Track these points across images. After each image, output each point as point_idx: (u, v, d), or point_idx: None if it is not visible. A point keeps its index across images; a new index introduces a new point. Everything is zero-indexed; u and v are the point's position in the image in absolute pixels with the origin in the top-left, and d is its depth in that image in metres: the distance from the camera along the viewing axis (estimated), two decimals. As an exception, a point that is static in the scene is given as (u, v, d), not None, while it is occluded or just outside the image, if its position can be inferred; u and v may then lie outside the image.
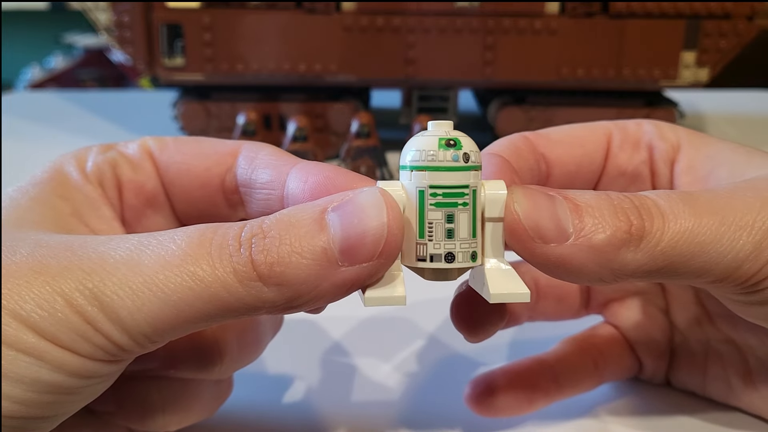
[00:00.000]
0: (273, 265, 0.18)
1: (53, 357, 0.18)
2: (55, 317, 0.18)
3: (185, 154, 0.24)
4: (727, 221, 0.21)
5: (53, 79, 1.90)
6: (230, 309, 0.19)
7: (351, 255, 0.19)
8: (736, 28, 0.55)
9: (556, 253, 0.20)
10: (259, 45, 0.55)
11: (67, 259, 0.19)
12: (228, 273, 0.18)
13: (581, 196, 0.21)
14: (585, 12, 0.54)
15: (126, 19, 0.54)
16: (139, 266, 0.19)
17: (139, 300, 0.18)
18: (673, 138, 0.26)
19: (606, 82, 0.56)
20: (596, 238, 0.20)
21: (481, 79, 0.56)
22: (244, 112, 0.54)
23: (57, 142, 0.63)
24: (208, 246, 0.19)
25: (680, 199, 0.21)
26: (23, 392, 0.18)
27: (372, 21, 0.54)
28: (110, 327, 0.18)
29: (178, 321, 0.18)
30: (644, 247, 0.20)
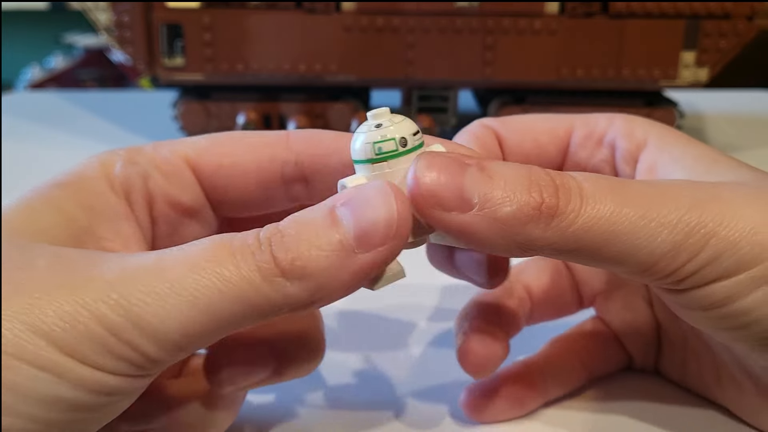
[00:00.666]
0: (294, 260, 0.19)
1: (75, 374, 0.18)
2: (78, 330, 0.18)
3: (233, 154, 0.24)
4: (649, 215, 0.21)
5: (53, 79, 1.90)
6: (256, 308, 0.19)
7: (366, 241, 0.19)
8: (736, 28, 0.55)
9: (456, 221, 0.20)
10: (259, 45, 0.55)
11: (89, 271, 0.19)
12: (253, 271, 0.19)
13: (499, 168, 0.21)
14: (585, 12, 0.55)
15: (126, 19, 0.54)
16: (164, 272, 0.18)
17: (168, 305, 0.18)
18: (641, 137, 0.26)
19: (606, 82, 0.56)
20: (502, 210, 0.20)
21: (481, 79, 0.56)
22: (244, 112, 0.54)
23: (57, 143, 0.63)
24: (229, 247, 0.19)
25: (608, 185, 0.21)
26: (43, 412, 0.17)
27: (372, 21, 0.54)
28: (138, 336, 0.18)
29: (207, 325, 0.18)
30: (555, 226, 0.20)
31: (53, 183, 0.22)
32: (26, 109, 0.75)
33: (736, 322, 0.21)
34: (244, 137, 0.24)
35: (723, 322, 0.22)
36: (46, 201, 0.21)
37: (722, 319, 0.21)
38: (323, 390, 0.29)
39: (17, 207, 0.21)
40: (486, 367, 0.26)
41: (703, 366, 0.27)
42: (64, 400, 0.18)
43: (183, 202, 0.24)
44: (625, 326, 0.29)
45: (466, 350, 0.26)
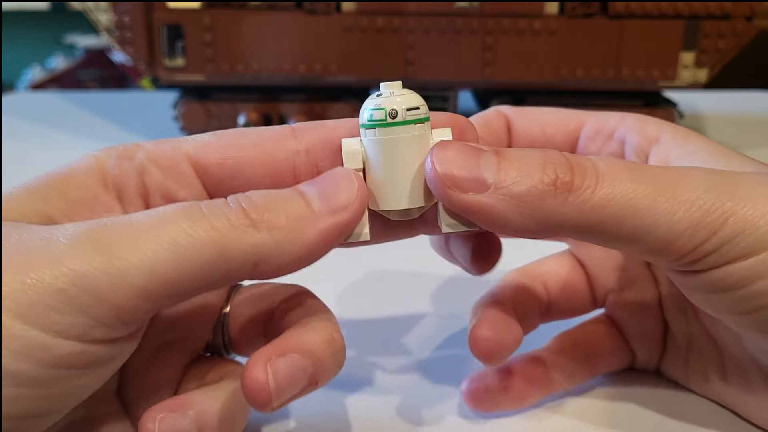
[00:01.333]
0: (264, 213, 0.20)
1: (19, 343, 0.17)
2: (33, 292, 0.17)
3: (240, 147, 0.23)
4: (667, 193, 0.21)
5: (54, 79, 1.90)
6: (227, 256, 0.19)
7: (329, 206, 0.21)
8: (735, 29, 0.55)
9: (474, 201, 0.21)
10: (260, 45, 0.55)
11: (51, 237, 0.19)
12: (223, 222, 0.19)
13: (514, 152, 0.22)
14: (584, 12, 0.55)
15: (127, 20, 0.54)
16: (131, 223, 0.19)
17: (133, 246, 0.18)
18: (654, 133, 0.27)
19: (605, 83, 0.56)
20: (517, 188, 0.21)
21: (481, 79, 0.56)
22: (245, 112, 0.54)
23: (58, 143, 0.64)
24: (198, 206, 0.20)
25: (624, 165, 0.22)
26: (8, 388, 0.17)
27: (372, 21, 0.55)
28: (102, 284, 0.18)
29: (177, 269, 0.19)
30: (572, 201, 0.21)
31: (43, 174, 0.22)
32: (27, 110, 0.75)
33: (752, 305, 0.21)
34: (250, 132, 0.24)
35: (738, 305, 0.22)
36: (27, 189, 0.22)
37: (738, 302, 0.21)
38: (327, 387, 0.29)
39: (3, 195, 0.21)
40: (496, 354, 0.25)
41: (708, 366, 0.27)
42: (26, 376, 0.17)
43: (179, 197, 0.23)
44: (634, 325, 0.29)
45: (477, 335, 0.25)
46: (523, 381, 0.27)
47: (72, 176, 0.22)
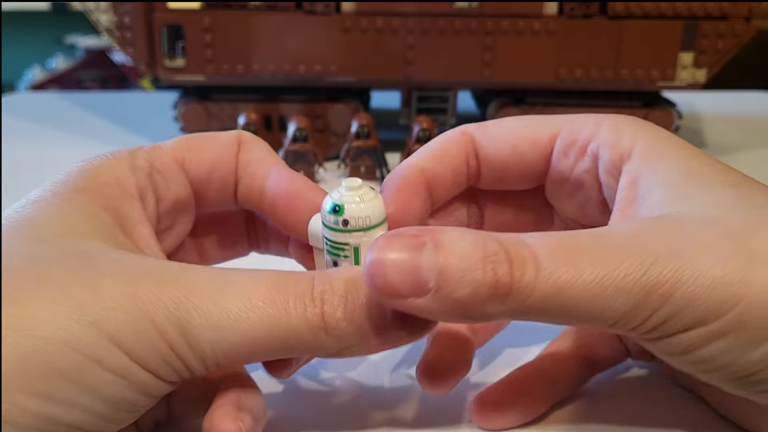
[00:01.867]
0: (339, 321, 0.21)
1: (139, 379, 0.20)
2: (145, 342, 0.20)
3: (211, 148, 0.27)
4: (608, 279, 0.20)
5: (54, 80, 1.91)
6: (290, 348, 0.22)
7: (401, 323, 0.22)
8: (734, 29, 0.55)
9: (413, 305, 0.21)
10: (260, 46, 0.55)
11: (154, 284, 0.21)
12: (300, 320, 0.21)
13: (454, 245, 0.21)
14: (583, 13, 0.55)
15: (127, 20, 0.55)
16: (224, 302, 0.21)
17: (221, 334, 0.21)
18: (627, 145, 0.25)
19: (604, 83, 0.56)
20: (458, 293, 0.20)
21: (480, 79, 0.56)
22: (245, 112, 0.54)
23: (58, 143, 0.64)
24: (285, 293, 0.21)
25: (562, 251, 0.21)
26: (109, 410, 0.20)
27: (371, 22, 0.55)
28: (191, 355, 0.21)
29: (247, 352, 0.21)
30: (511, 301, 0.20)
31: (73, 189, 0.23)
32: (28, 110, 0.75)
33: (704, 367, 0.22)
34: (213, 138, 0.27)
35: (695, 366, 0.22)
36: (76, 206, 0.23)
37: (693, 363, 0.22)
38: (327, 394, 0.29)
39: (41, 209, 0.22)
40: (442, 387, 0.26)
41: None
42: (127, 401, 0.20)
43: (182, 198, 0.26)
44: None
45: (423, 373, 0.26)
46: (531, 393, 0.27)
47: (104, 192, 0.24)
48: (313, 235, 0.25)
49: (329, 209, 0.23)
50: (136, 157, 0.25)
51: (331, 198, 0.24)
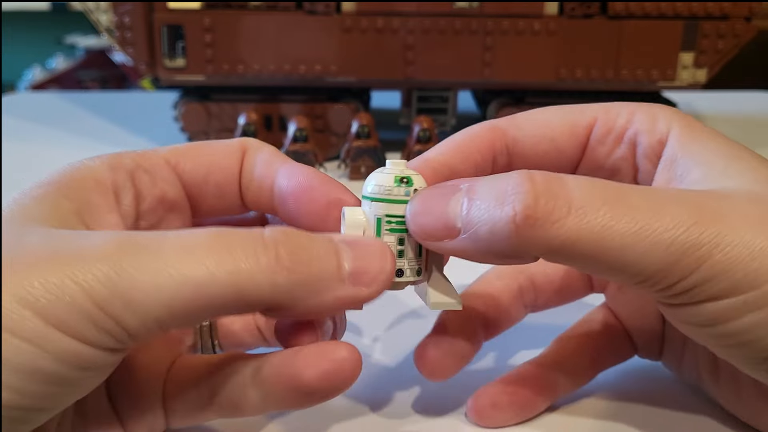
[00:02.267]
0: (296, 263, 0.20)
1: (57, 346, 0.18)
2: (63, 301, 0.18)
3: (209, 155, 0.26)
4: (645, 231, 0.20)
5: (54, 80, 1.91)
6: (243, 298, 0.20)
7: (357, 277, 0.21)
8: (734, 29, 0.55)
9: (449, 247, 0.22)
10: (260, 46, 0.55)
11: (80, 245, 0.19)
12: (251, 263, 0.20)
13: (481, 188, 0.21)
14: (583, 13, 0.55)
15: (127, 20, 0.55)
16: (160, 251, 0.19)
17: (156, 281, 0.19)
18: (664, 130, 0.25)
19: (604, 83, 0.56)
20: (481, 231, 0.21)
21: (480, 79, 0.56)
22: (245, 112, 0.54)
23: (58, 143, 0.64)
24: (231, 238, 0.20)
25: (602, 195, 0.21)
26: (23, 383, 0.18)
27: (372, 22, 0.55)
28: (122, 309, 0.18)
29: (192, 305, 0.19)
30: (539, 235, 0.20)
31: (39, 182, 0.23)
32: (28, 110, 0.75)
33: (727, 341, 0.21)
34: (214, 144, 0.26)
35: (715, 339, 0.21)
36: (33, 196, 0.22)
37: (713, 337, 0.21)
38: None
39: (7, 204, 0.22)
40: (439, 373, 0.26)
41: (700, 363, 0.27)
42: (44, 372, 0.18)
43: (169, 197, 0.25)
44: (635, 316, 0.29)
45: (420, 355, 0.26)
46: (530, 391, 0.27)
47: (74, 183, 0.23)
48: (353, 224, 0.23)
49: (395, 182, 0.23)
50: (122, 156, 0.25)
51: (391, 173, 0.23)
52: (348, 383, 0.22)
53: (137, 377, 0.24)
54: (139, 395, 0.24)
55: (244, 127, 0.53)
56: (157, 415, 0.24)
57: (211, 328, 0.27)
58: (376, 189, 0.23)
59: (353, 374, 0.22)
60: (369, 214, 0.23)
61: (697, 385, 0.28)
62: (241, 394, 0.23)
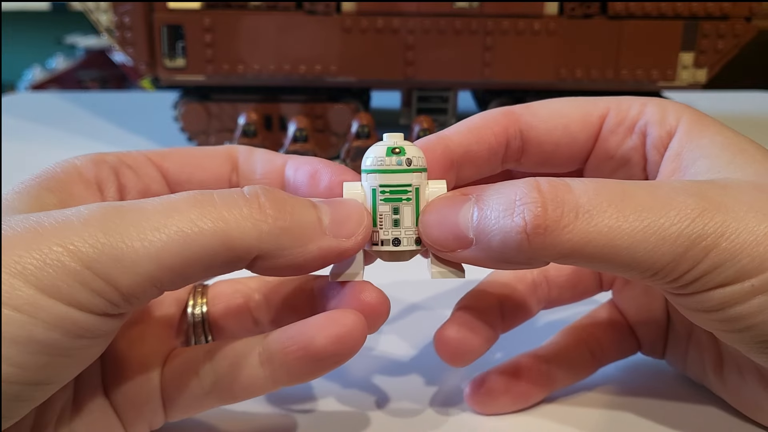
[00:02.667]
0: (279, 211, 0.21)
1: (50, 312, 0.18)
2: (52, 266, 0.18)
3: (193, 156, 0.26)
4: (652, 228, 0.21)
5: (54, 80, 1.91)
6: (232, 246, 0.20)
7: (337, 228, 0.22)
8: (734, 29, 0.55)
9: (461, 256, 0.22)
10: (260, 46, 0.55)
11: (64, 215, 0.19)
12: (235, 213, 0.20)
13: (489, 197, 0.22)
14: (583, 13, 0.55)
15: (127, 20, 0.55)
16: (144, 211, 0.19)
17: (143, 236, 0.19)
18: (673, 123, 0.26)
19: (604, 83, 0.56)
20: (493, 242, 0.21)
21: (480, 79, 0.56)
22: (245, 112, 0.54)
23: (58, 143, 0.64)
24: (209, 197, 0.20)
25: (607, 196, 0.21)
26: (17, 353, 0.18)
27: (372, 22, 0.55)
28: (113, 268, 0.18)
29: (182, 258, 0.19)
30: (550, 242, 0.21)
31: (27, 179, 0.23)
32: (28, 110, 0.75)
33: (735, 325, 0.22)
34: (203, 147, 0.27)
35: (723, 324, 0.22)
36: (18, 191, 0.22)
37: (722, 321, 0.22)
38: (329, 385, 0.29)
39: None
40: (460, 356, 0.27)
41: (705, 358, 0.28)
42: (39, 341, 0.18)
43: (153, 191, 0.25)
44: (640, 313, 0.29)
45: (441, 337, 0.26)
46: (527, 381, 0.27)
47: (56, 177, 0.23)
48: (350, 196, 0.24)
49: (387, 153, 0.23)
50: (106, 154, 0.25)
51: (384, 145, 0.24)
52: (357, 347, 0.22)
53: (133, 372, 0.24)
54: (135, 391, 0.24)
55: (244, 127, 0.53)
56: (155, 409, 0.24)
57: (204, 323, 0.27)
58: (370, 161, 0.24)
59: (361, 338, 0.22)
60: (366, 186, 0.24)
61: (701, 382, 0.28)
62: (247, 373, 0.23)
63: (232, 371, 0.23)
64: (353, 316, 0.22)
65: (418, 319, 0.35)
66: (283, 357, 0.23)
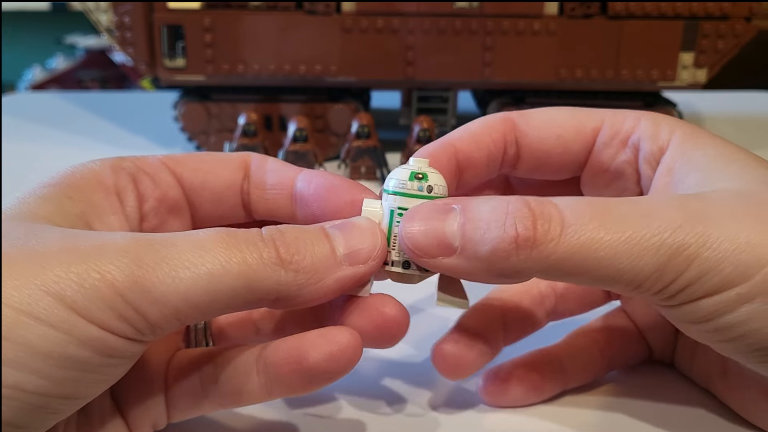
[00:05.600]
0: (294, 255, 0.21)
1: (83, 332, 0.19)
2: (88, 290, 0.19)
3: (207, 162, 0.27)
4: (634, 239, 0.21)
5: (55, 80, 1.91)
6: (252, 290, 0.21)
7: (351, 257, 0.22)
8: (734, 29, 0.55)
9: (444, 264, 0.22)
10: (260, 46, 0.55)
11: (99, 240, 0.20)
12: (255, 257, 0.21)
13: (477, 208, 0.22)
14: (583, 13, 0.55)
15: (127, 20, 0.55)
16: (174, 247, 0.20)
17: (174, 273, 0.20)
18: (666, 137, 0.26)
19: (604, 83, 0.56)
20: (481, 249, 0.22)
21: (480, 80, 0.56)
22: (245, 112, 0.54)
23: (58, 143, 0.64)
24: (236, 236, 0.21)
25: (590, 211, 0.22)
26: (51, 368, 0.18)
27: (372, 22, 0.55)
28: (143, 299, 0.19)
29: (207, 296, 0.20)
30: (535, 256, 0.21)
31: (43, 182, 0.24)
32: (28, 110, 0.75)
33: (726, 335, 0.22)
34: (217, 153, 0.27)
35: (715, 335, 0.22)
36: (39, 197, 0.23)
37: (714, 332, 0.22)
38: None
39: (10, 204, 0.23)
40: (457, 371, 0.27)
41: (710, 363, 0.28)
42: (71, 357, 0.19)
43: (170, 197, 0.26)
44: (648, 319, 0.29)
45: (438, 352, 0.27)
46: (540, 375, 0.28)
47: (76, 184, 0.24)
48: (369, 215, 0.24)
49: (410, 177, 0.24)
50: (123, 160, 0.26)
51: (408, 168, 0.24)
52: (350, 365, 0.23)
53: (138, 372, 0.24)
54: (141, 390, 0.24)
55: (244, 127, 0.53)
56: (159, 409, 0.24)
57: (206, 327, 0.27)
58: (393, 183, 0.24)
59: (355, 357, 0.23)
60: (385, 206, 0.24)
61: (708, 388, 0.28)
62: (244, 380, 0.24)
63: (230, 377, 0.24)
64: (348, 334, 0.23)
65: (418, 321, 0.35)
66: (277, 369, 0.23)
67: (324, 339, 0.23)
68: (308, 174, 0.26)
